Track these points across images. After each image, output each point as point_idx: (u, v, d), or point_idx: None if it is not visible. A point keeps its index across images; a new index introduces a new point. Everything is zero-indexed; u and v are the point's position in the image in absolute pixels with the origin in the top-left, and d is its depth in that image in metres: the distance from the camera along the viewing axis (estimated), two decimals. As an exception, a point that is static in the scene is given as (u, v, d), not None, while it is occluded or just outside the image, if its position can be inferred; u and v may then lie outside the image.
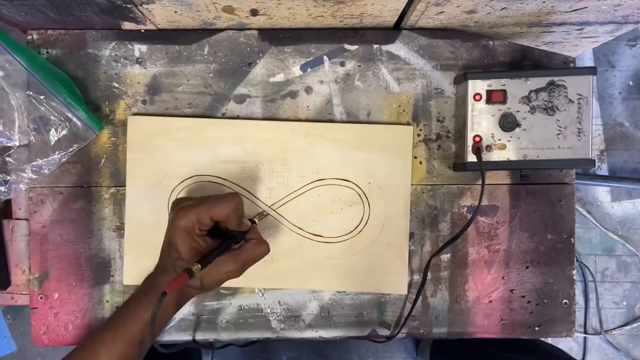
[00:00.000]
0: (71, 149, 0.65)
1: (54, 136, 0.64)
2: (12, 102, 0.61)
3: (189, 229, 0.58)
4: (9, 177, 0.64)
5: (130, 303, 0.62)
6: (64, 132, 0.64)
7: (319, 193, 0.69)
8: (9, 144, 0.62)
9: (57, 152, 0.64)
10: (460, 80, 0.67)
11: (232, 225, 0.60)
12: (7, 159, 0.63)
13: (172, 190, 0.69)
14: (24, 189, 0.64)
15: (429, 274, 0.70)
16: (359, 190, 0.69)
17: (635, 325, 1.52)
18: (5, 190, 0.64)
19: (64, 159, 0.65)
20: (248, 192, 0.69)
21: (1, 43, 0.58)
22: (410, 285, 0.71)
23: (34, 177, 0.64)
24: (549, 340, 1.07)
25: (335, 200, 0.69)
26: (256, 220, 0.66)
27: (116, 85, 0.69)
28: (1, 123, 0.62)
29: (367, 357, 1.49)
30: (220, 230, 0.62)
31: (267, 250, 0.62)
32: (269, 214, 0.69)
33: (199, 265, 0.56)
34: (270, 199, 0.69)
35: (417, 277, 0.71)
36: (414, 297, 0.70)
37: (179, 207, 0.59)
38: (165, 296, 0.54)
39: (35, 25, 0.67)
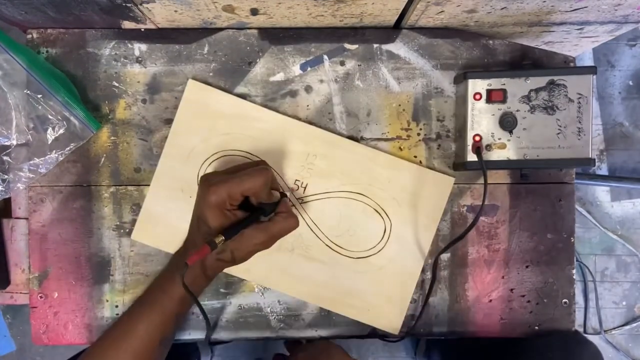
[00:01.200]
0: (68, 148, 0.65)
1: (51, 135, 0.64)
2: (9, 101, 0.61)
3: (220, 205, 0.58)
4: (6, 176, 0.64)
5: (163, 279, 0.64)
6: (62, 131, 0.64)
7: (345, 204, 0.69)
8: (6, 143, 0.62)
9: (54, 151, 0.64)
10: (460, 79, 0.67)
11: (262, 198, 0.60)
12: (5, 158, 0.63)
13: (205, 160, 0.69)
14: (21, 188, 0.64)
15: (428, 273, 0.70)
16: (385, 217, 0.70)
17: (634, 325, 1.52)
18: (3, 189, 0.64)
19: (61, 158, 0.65)
20: (278, 174, 0.69)
21: (0, 42, 0.58)
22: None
23: (32, 176, 0.64)
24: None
25: (357, 217, 0.70)
26: (287, 194, 0.66)
27: (116, 84, 0.69)
28: (-1, 121, 0.62)
29: (367, 357, 1.49)
30: (250, 203, 0.62)
31: (296, 224, 0.62)
32: (295, 191, 0.69)
33: (223, 237, 0.56)
34: (298, 191, 0.70)
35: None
36: (415, 296, 0.70)
37: (209, 182, 0.59)
38: (187, 267, 0.55)
39: (35, 24, 0.67)
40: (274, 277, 0.69)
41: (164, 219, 0.69)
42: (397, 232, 0.70)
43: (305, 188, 0.69)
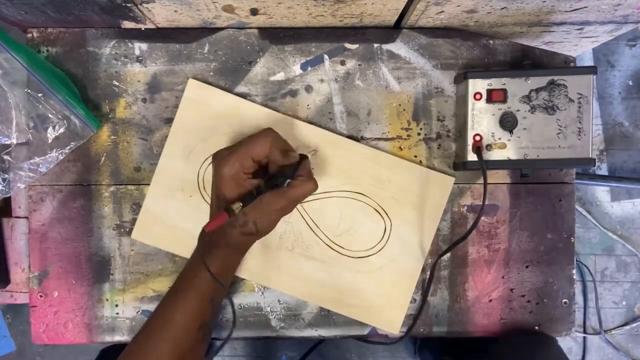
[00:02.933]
0: (69, 147, 0.65)
1: (51, 134, 0.64)
2: (10, 100, 0.61)
3: (234, 175, 0.58)
4: (6, 175, 0.64)
5: (193, 264, 0.63)
6: (62, 130, 0.64)
7: (345, 203, 0.69)
8: (6, 142, 0.62)
9: (54, 150, 0.64)
10: (461, 79, 0.67)
11: (278, 160, 0.59)
12: (5, 157, 0.63)
13: (206, 160, 0.69)
14: (22, 187, 0.64)
15: (428, 273, 0.70)
16: (385, 217, 0.70)
17: (634, 325, 1.52)
18: (3, 188, 0.64)
19: (61, 157, 0.65)
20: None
21: (0, 42, 0.58)
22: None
23: (32, 175, 0.64)
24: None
25: (357, 217, 0.70)
26: (308, 155, 0.64)
27: (116, 83, 0.69)
28: (-1, 121, 0.62)
29: (367, 356, 1.49)
30: (271, 173, 0.61)
31: (315, 187, 0.61)
32: (317, 151, 0.69)
33: (240, 204, 0.56)
34: None
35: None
36: (415, 296, 0.70)
37: (219, 157, 0.60)
38: (204, 234, 0.56)
39: (35, 24, 0.67)
40: (273, 277, 0.69)
41: (164, 218, 0.69)
42: (398, 232, 0.70)
43: None
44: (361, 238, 0.70)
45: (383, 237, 0.70)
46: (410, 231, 0.70)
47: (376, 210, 0.70)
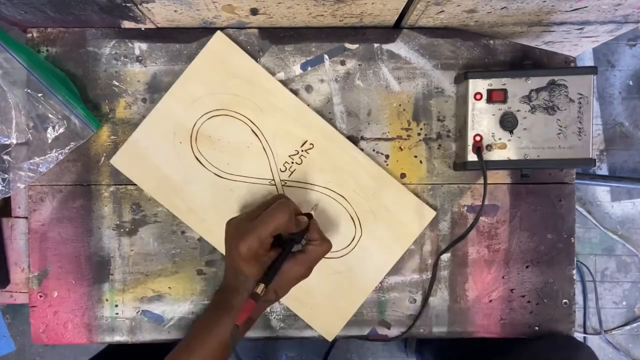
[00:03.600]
0: (69, 147, 0.65)
1: (51, 134, 0.64)
2: (9, 100, 0.61)
3: (253, 254, 0.57)
4: (6, 175, 0.64)
5: (208, 322, 0.62)
6: (62, 130, 0.64)
7: (324, 201, 0.69)
8: (6, 142, 0.62)
9: (54, 150, 0.64)
10: (461, 79, 0.67)
11: (291, 229, 0.60)
12: (5, 157, 0.63)
13: (206, 113, 0.69)
14: (22, 187, 0.64)
15: (429, 273, 0.70)
16: (358, 227, 0.69)
17: (635, 325, 1.52)
18: (3, 188, 0.64)
19: (61, 157, 0.65)
20: (269, 148, 0.69)
21: (0, 41, 0.58)
22: (410, 284, 0.71)
23: (32, 175, 0.64)
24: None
25: (331, 217, 0.69)
26: (312, 213, 0.65)
27: (116, 83, 0.69)
28: (-1, 121, 0.62)
29: (367, 357, 1.49)
30: (279, 237, 0.61)
31: (330, 246, 0.62)
32: (318, 205, 0.69)
33: (263, 285, 0.55)
34: (284, 173, 0.69)
35: (416, 277, 0.71)
36: (415, 296, 0.70)
37: (237, 235, 0.58)
38: (238, 328, 0.56)
39: (35, 24, 0.67)
40: None
41: (148, 154, 0.68)
42: (364, 245, 0.69)
43: (292, 172, 0.69)
44: (329, 238, 0.69)
45: (350, 244, 0.69)
46: (377, 248, 0.69)
47: (352, 217, 0.69)
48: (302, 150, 0.69)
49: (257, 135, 0.69)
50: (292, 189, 0.69)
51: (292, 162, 0.69)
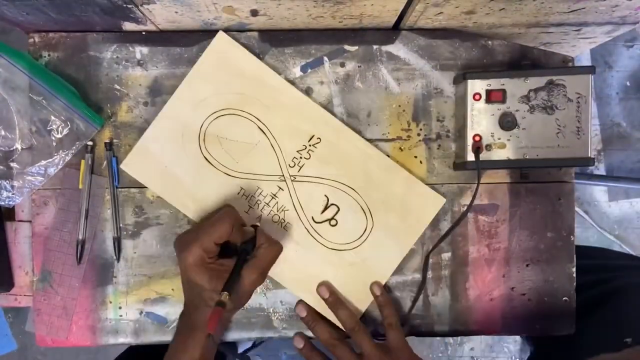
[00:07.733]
0: (74, 147, 0.65)
1: (55, 136, 0.64)
2: (11, 107, 0.61)
3: (199, 263, 0.58)
4: (15, 183, 0.64)
5: (177, 348, 0.61)
6: (66, 131, 0.64)
7: (335, 194, 0.70)
8: (11, 149, 0.63)
9: (60, 152, 0.65)
10: (460, 80, 0.67)
11: (237, 238, 0.61)
12: (12, 164, 0.64)
13: (213, 113, 0.69)
14: (33, 190, 0.65)
15: (430, 272, 0.71)
16: (369, 218, 0.70)
17: (633, 324, 1.53)
18: (14, 195, 0.64)
19: (68, 158, 0.65)
20: (277, 144, 0.69)
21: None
22: (411, 283, 0.71)
23: (41, 178, 0.65)
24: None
25: (342, 210, 0.70)
26: (258, 224, 0.66)
27: (118, 87, 0.69)
28: (1, 128, 0.62)
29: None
30: (229, 246, 0.62)
31: (281, 248, 0.63)
32: (260, 219, 0.70)
33: (227, 293, 0.56)
34: (293, 168, 0.70)
35: (417, 276, 0.71)
36: (414, 295, 0.71)
37: (181, 246, 0.60)
38: (211, 337, 0.56)
39: (37, 25, 0.67)
40: None
41: (157, 157, 0.69)
42: (376, 236, 0.70)
43: (301, 167, 0.69)
44: (340, 231, 0.70)
45: (362, 236, 0.70)
46: (389, 238, 0.70)
47: (362, 208, 0.70)
48: (310, 145, 0.69)
49: (264, 133, 0.69)
50: (302, 183, 0.70)
51: (301, 157, 0.69)
